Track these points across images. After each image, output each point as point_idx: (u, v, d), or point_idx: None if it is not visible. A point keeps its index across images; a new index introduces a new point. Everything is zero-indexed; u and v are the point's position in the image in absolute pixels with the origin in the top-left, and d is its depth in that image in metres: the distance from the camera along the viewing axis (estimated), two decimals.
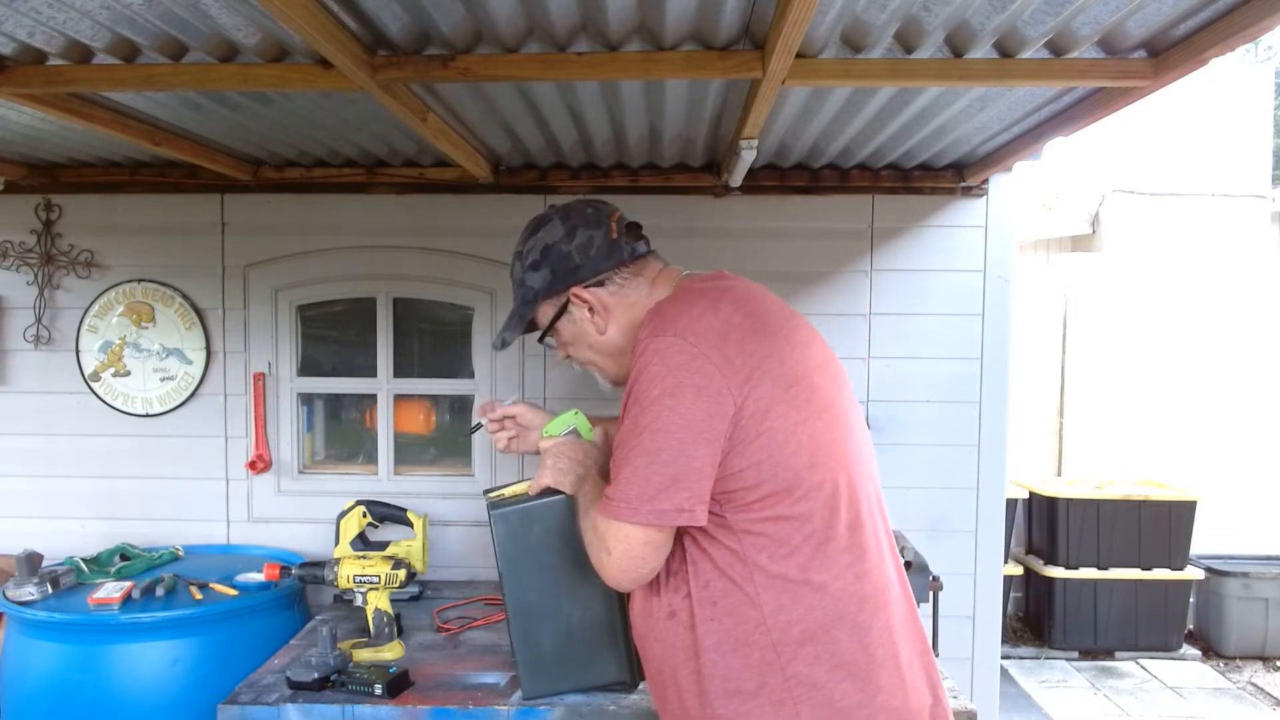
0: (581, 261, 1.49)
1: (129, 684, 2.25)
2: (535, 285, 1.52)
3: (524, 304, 1.55)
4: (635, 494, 1.25)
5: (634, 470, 1.25)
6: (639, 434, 1.26)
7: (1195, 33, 1.56)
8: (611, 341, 1.51)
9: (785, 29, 1.42)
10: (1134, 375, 5.48)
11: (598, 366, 1.57)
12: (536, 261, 1.52)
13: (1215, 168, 6.29)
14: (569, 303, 1.50)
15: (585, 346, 1.54)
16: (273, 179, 2.83)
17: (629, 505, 1.25)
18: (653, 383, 1.25)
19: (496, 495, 1.79)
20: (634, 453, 1.26)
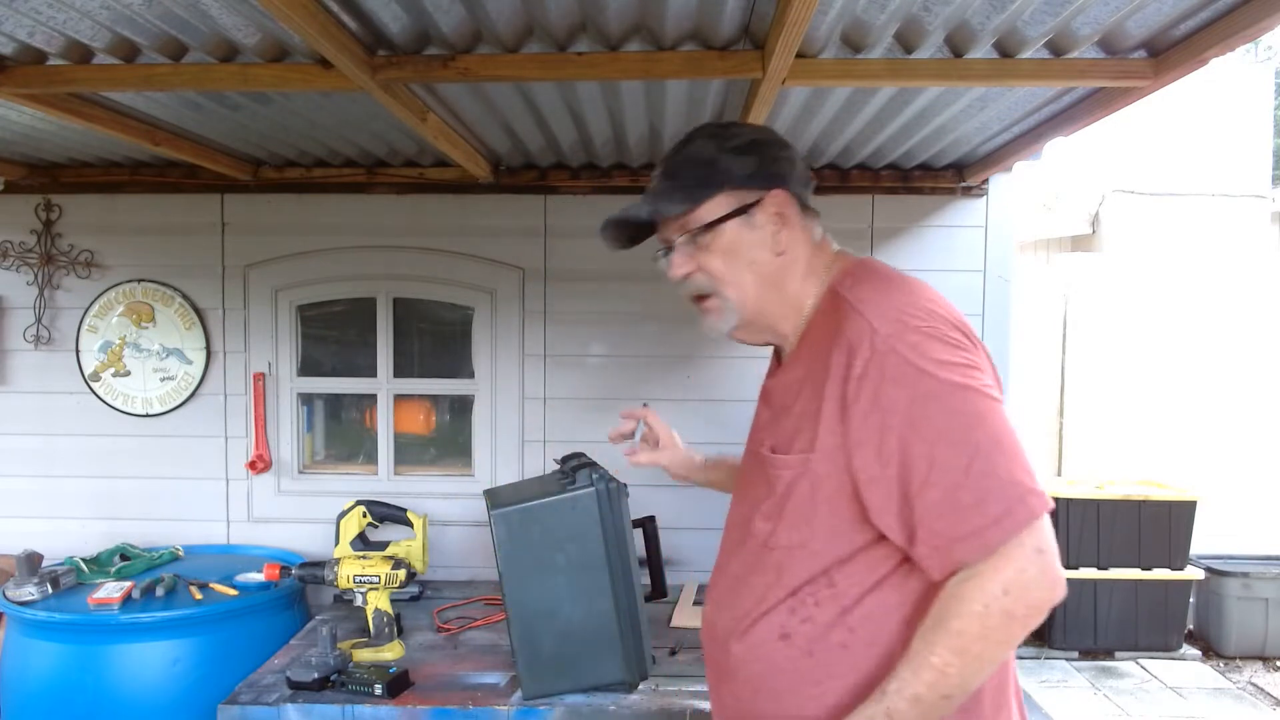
0: (790, 172, 1.27)
1: (129, 684, 2.25)
2: (733, 169, 1.25)
3: (703, 185, 1.25)
4: (1026, 475, 1.03)
5: (1008, 455, 1.04)
6: (975, 421, 1.05)
7: (1195, 33, 1.56)
8: (778, 269, 1.26)
9: (785, 29, 1.42)
10: (1134, 375, 5.48)
11: (733, 297, 1.28)
12: (743, 147, 1.26)
13: (1215, 168, 6.29)
14: (757, 206, 1.24)
15: (742, 264, 1.26)
16: (273, 179, 2.83)
17: (1034, 492, 1.03)
18: (944, 368, 1.06)
19: None
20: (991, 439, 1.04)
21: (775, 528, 1.20)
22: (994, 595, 1.01)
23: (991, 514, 1.01)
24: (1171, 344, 5.48)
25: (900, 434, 1.06)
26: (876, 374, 1.08)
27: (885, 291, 1.16)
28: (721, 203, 1.25)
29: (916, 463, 1.05)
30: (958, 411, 1.05)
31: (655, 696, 1.90)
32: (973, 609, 1.01)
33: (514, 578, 1.87)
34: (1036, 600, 1.02)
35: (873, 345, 1.09)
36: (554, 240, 2.88)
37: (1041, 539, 1.02)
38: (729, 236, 1.26)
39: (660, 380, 2.89)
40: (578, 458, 2.03)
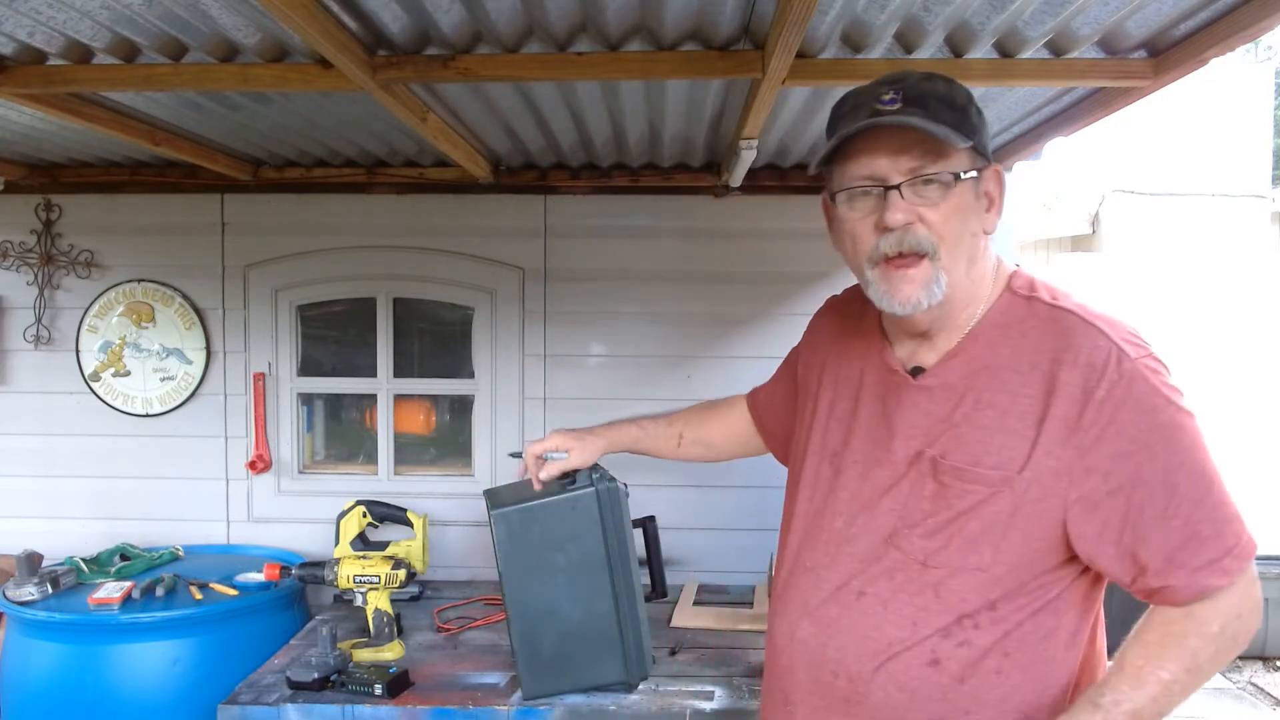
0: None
1: (129, 684, 2.25)
2: (981, 130, 1.16)
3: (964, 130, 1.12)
4: (1238, 512, 1.08)
5: (1227, 492, 1.07)
6: (1209, 456, 1.07)
7: (1195, 33, 1.56)
8: (979, 250, 1.17)
9: (785, 29, 1.42)
10: None
11: (947, 265, 1.12)
12: (979, 111, 1.17)
13: (1215, 168, 6.30)
14: (983, 174, 1.16)
15: (963, 232, 1.14)
16: (273, 179, 2.83)
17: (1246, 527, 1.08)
18: (1178, 396, 1.08)
19: None
20: (1219, 476, 1.07)
21: (944, 547, 1.10)
22: (1230, 619, 1.04)
23: (1227, 544, 1.04)
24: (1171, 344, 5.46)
25: (1138, 462, 1.04)
26: (1120, 398, 1.04)
27: (1103, 310, 1.13)
28: (965, 158, 1.13)
29: (1155, 492, 1.04)
30: (1195, 445, 1.05)
31: (655, 696, 1.90)
32: (1210, 630, 1.04)
33: (514, 578, 1.87)
34: (1253, 626, 1.06)
35: (1121, 369, 1.05)
36: (554, 240, 2.88)
37: (1255, 570, 1.07)
38: (961, 197, 1.12)
39: (660, 380, 2.89)
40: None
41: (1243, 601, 1.05)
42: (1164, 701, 1.05)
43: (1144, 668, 1.06)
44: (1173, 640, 1.05)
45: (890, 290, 1.14)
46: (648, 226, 2.84)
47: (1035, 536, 1.08)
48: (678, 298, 2.85)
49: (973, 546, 1.09)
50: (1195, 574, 1.03)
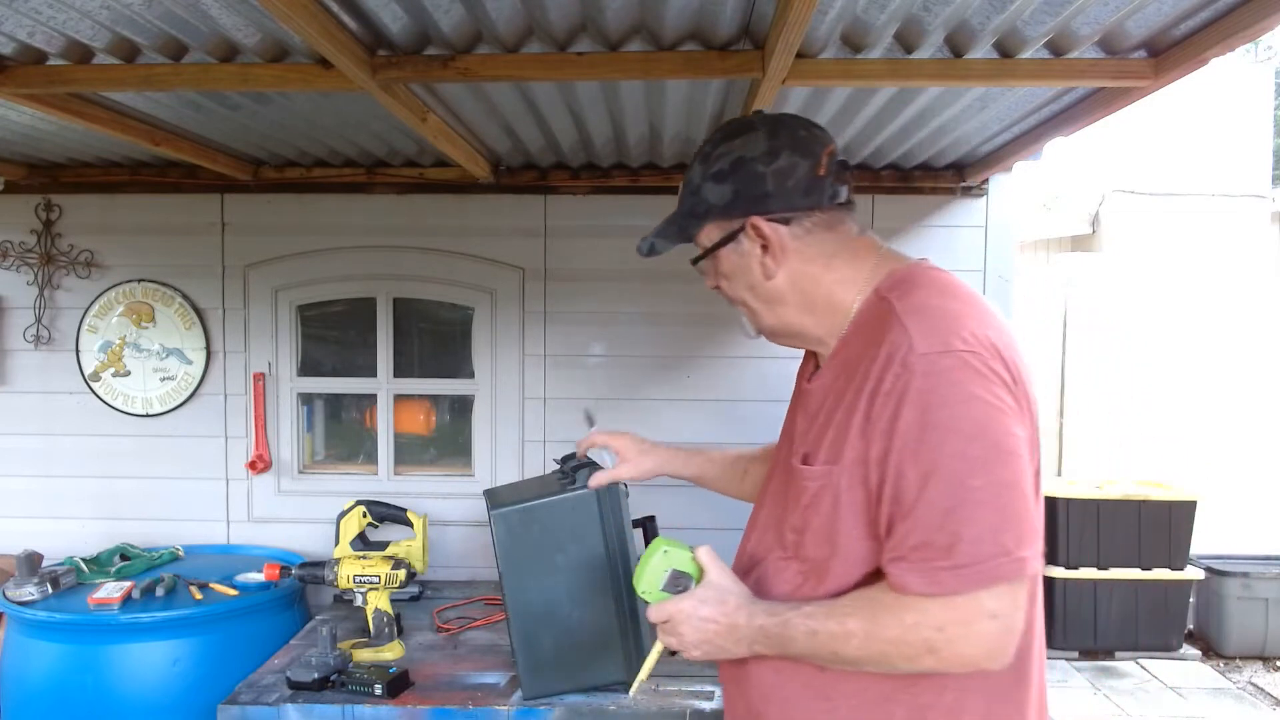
0: (774, 190, 1.21)
1: (129, 684, 2.25)
2: (712, 199, 1.25)
3: (691, 215, 1.28)
4: (1014, 541, 1.00)
5: (1000, 513, 1.01)
6: (977, 468, 1.02)
7: (1195, 33, 1.56)
8: (774, 289, 1.24)
9: (785, 29, 1.42)
10: (1134, 375, 5.48)
11: (750, 310, 1.29)
12: (722, 172, 1.24)
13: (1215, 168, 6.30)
14: (742, 231, 1.23)
15: (744, 286, 1.27)
16: (273, 179, 2.83)
17: (1011, 558, 1.00)
18: (966, 406, 1.03)
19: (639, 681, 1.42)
20: (987, 490, 1.01)
21: (802, 540, 1.18)
22: (926, 625, 1.02)
23: (954, 561, 1.00)
24: (1171, 344, 5.48)
25: (901, 457, 1.04)
26: (900, 392, 1.05)
27: (935, 304, 1.11)
28: (712, 230, 1.27)
29: (908, 491, 1.04)
30: (963, 453, 1.01)
31: (655, 696, 1.90)
32: (903, 619, 1.04)
33: (514, 577, 1.87)
34: (965, 655, 1.03)
35: (905, 362, 1.05)
36: (554, 240, 2.88)
37: (1001, 606, 1.01)
38: (726, 262, 1.27)
39: (660, 380, 2.89)
40: (577, 458, 2.03)
41: (958, 625, 1.01)
42: (839, 643, 1.08)
43: (844, 606, 1.10)
44: (872, 604, 1.08)
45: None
46: (648, 226, 2.81)
47: (855, 526, 1.12)
48: (678, 298, 2.85)
49: (817, 539, 1.16)
50: (907, 569, 1.03)
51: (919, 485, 1.02)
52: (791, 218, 1.22)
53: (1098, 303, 5.53)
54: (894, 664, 1.07)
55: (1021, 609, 1.03)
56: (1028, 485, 1.04)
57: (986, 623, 1.01)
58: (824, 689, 1.15)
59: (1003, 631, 1.02)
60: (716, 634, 1.18)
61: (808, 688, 1.16)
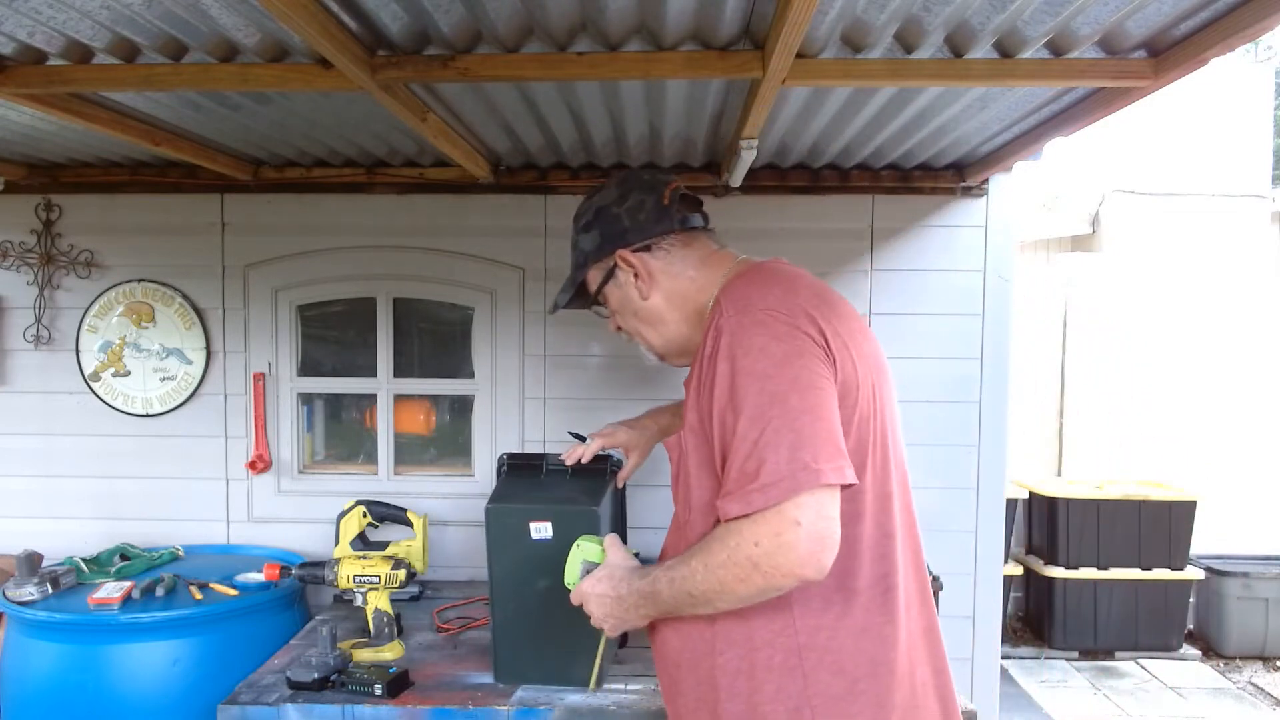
0: (630, 225, 1.47)
1: (129, 684, 2.25)
2: (585, 248, 1.52)
3: (576, 267, 1.55)
4: (810, 456, 1.11)
5: (798, 434, 1.13)
6: (775, 400, 1.14)
7: (1195, 33, 1.56)
8: (654, 309, 1.47)
9: (785, 29, 1.42)
10: (1134, 375, 5.48)
11: (641, 336, 1.54)
12: (589, 223, 1.52)
13: (1215, 168, 6.30)
14: (615, 266, 1.48)
15: (630, 314, 1.52)
16: (273, 179, 2.83)
17: (808, 470, 1.11)
18: (764, 352, 1.18)
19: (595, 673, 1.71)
20: (784, 418, 1.13)
21: (679, 505, 1.35)
22: (745, 543, 1.14)
23: (761, 482, 1.12)
24: (1171, 344, 5.48)
25: (720, 406, 1.20)
26: (713, 352, 1.23)
27: (751, 285, 1.29)
28: (594, 274, 1.52)
29: (727, 433, 1.19)
30: (762, 390, 1.16)
31: (655, 696, 1.90)
32: (726, 544, 1.16)
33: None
34: (782, 565, 1.13)
35: (718, 326, 1.24)
36: (554, 240, 2.87)
37: (806, 514, 1.11)
38: (612, 298, 1.53)
39: (660, 380, 2.88)
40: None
41: (769, 536, 1.12)
42: (690, 582, 1.22)
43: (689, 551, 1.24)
44: (707, 540, 1.21)
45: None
46: None
47: (704, 481, 1.28)
48: None
49: (683, 500, 1.33)
50: (726, 499, 1.17)
51: (733, 425, 1.17)
52: (651, 244, 1.46)
53: (1098, 303, 5.53)
54: (734, 590, 1.17)
55: (828, 518, 1.13)
56: (827, 410, 1.16)
57: (794, 530, 1.11)
58: (715, 643, 1.27)
59: (812, 537, 1.11)
60: (614, 606, 1.34)
61: (702, 644, 1.28)
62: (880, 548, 1.26)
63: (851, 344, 1.25)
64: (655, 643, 1.40)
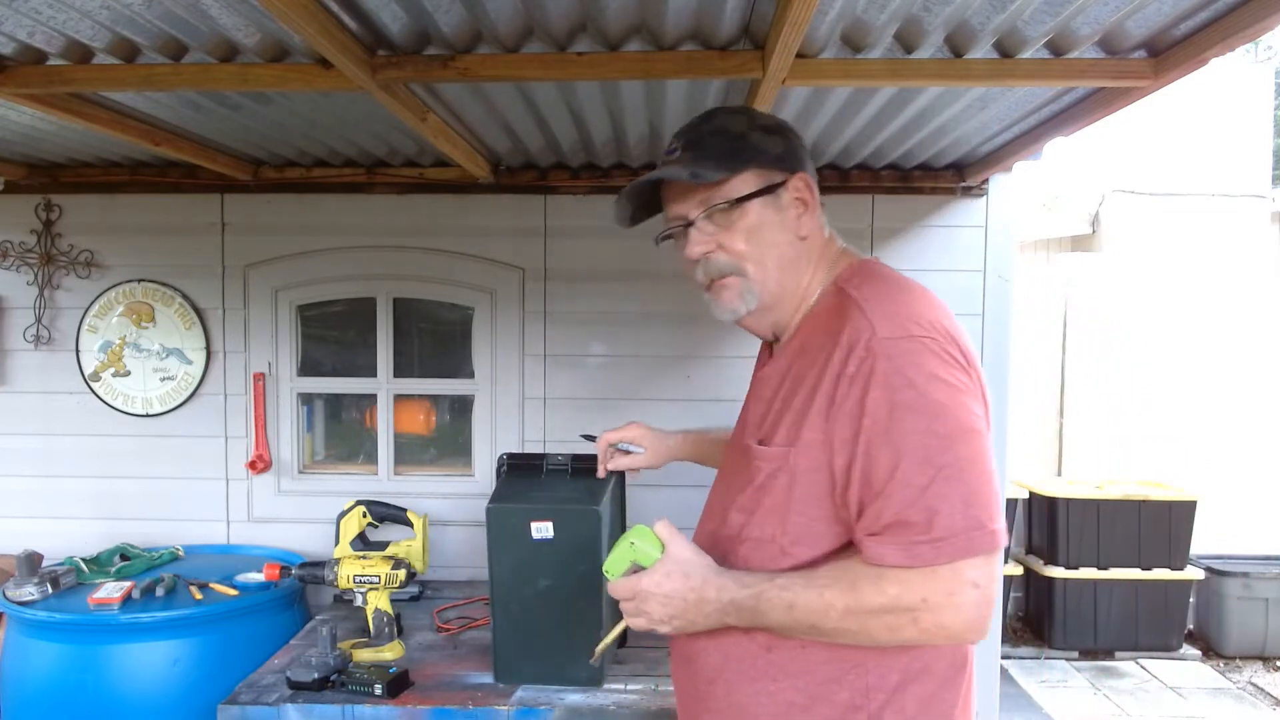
0: (807, 160, 1.29)
1: (129, 684, 2.25)
2: (763, 146, 1.24)
3: (737, 156, 1.22)
4: (985, 514, 1.04)
5: (969, 487, 1.04)
6: (945, 445, 1.05)
7: (1195, 33, 1.56)
8: (797, 255, 1.25)
9: (785, 29, 1.42)
10: (1134, 375, 5.48)
11: (754, 276, 1.24)
12: (772, 128, 1.27)
13: (1215, 168, 6.29)
14: (783, 186, 1.24)
15: (766, 245, 1.23)
16: (273, 179, 2.83)
17: (984, 530, 1.03)
18: (929, 386, 1.06)
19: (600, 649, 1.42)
20: (955, 466, 1.04)
21: (748, 521, 1.20)
22: (913, 598, 1.05)
23: (933, 535, 1.03)
24: (1171, 344, 5.48)
25: (869, 438, 1.07)
26: (866, 375, 1.08)
27: (892, 294, 1.16)
28: (750, 179, 1.23)
29: (879, 470, 1.06)
30: (931, 430, 1.05)
31: (655, 696, 1.90)
32: (886, 591, 1.05)
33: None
34: (948, 625, 1.05)
35: (868, 346, 1.09)
36: (554, 240, 2.88)
37: (980, 576, 1.04)
38: (754, 215, 1.23)
39: (660, 380, 2.89)
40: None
41: (937, 593, 1.04)
42: (818, 616, 1.09)
43: (821, 579, 1.10)
44: (851, 577, 1.08)
45: (715, 304, 1.29)
46: (647, 227, 2.83)
47: (812, 507, 1.14)
48: (678, 298, 2.85)
49: (766, 519, 1.17)
50: (882, 544, 1.06)
51: (890, 465, 1.05)
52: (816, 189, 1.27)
53: (1098, 303, 5.53)
54: (874, 635, 1.09)
55: (995, 581, 1.06)
56: (990, 461, 1.07)
57: (970, 591, 1.03)
58: (770, 670, 1.17)
59: (983, 602, 1.04)
60: (684, 608, 1.18)
61: (754, 669, 1.18)
62: None
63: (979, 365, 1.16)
64: (688, 652, 1.28)
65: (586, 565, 1.87)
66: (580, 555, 1.86)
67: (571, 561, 1.87)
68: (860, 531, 1.09)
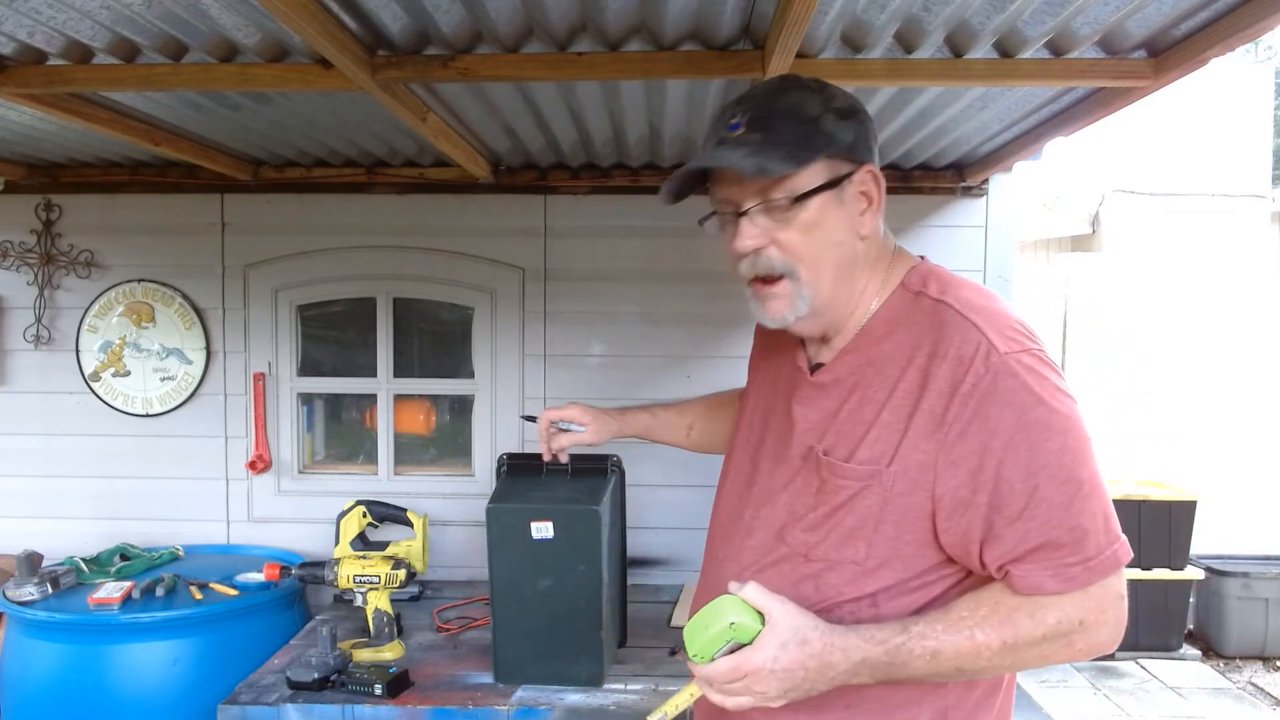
0: (874, 146, 1.16)
1: (129, 684, 2.25)
2: (837, 134, 1.10)
3: (809, 144, 1.09)
4: (1118, 526, 1.05)
5: (1105, 502, 1.04)
6: (1080, 461, 1.02)
7: (1195, 33, 1.56)
8: (858, 254, 1.14)
9: (785, 29, 1.42)
10: (1134, 375, 5.48)
11: (808, 280, 1.12)
12: (846, 111, 1.12)
13: (1215, 168, 6.30)
14: (850, 178, 1.12)
15: (825, 244, 1.11)
16: (273, 179, 2.83)
17: (1123, 544, 1.05)
18: (1055, 400, 1.02)
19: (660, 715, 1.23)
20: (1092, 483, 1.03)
21: (823, 540, 1.10)
22: (1071, 622, 1.02)
23: (1084, 554, 1.01)
24: (1171, 344, 5.48)
25: (1000, 459, 1.00)
26: (987, 392, 1.01)
27: (987, 303, 1.09)
28: (818, 172, 1.10)
29: (1015, 492, 1.00)
30: (1065, 447, 1.00)
31: (655, 696, 1.90)
32: (1045, 620, 1.02)
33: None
34: (1098, 642, 1.04)
35: (989, 362, 1.02)
36: (554, 240, 2.88)
37: (1124, 586, 1.05)
38: (816, 211, 1.10)
39: (660, 380, 2.89)
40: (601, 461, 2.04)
41: (1092, 611, 1.03)
42: (967, 659, 1.02)
43: (966, 619, 1.03)
44: (1003, 611, 1.03)
45: (760, 307, 1.17)
46: (648, 226, 2.84)
47: (906, 530, 1.06)
48: (678, 298, 2.85)
49: (848, 540, 1.09)
50: (1036, 572, 1.01)
51: (1029, 485, 1.00)
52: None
53: (1098, 303, 5.53)
54: (1024, 665, 1.06)
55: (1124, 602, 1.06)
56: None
57: (1119, 605, 1.04)
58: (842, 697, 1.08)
59: (1125, 612, 1.05)
60: (805, 679, 1.03)
61: (821, 699, 1.07)
62: None
63: None
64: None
65: (586, 565, 1.87)
66: (580, 555, 1.86)
67: (571, 561, 1.87)
68: (997, 560, 1.02)
